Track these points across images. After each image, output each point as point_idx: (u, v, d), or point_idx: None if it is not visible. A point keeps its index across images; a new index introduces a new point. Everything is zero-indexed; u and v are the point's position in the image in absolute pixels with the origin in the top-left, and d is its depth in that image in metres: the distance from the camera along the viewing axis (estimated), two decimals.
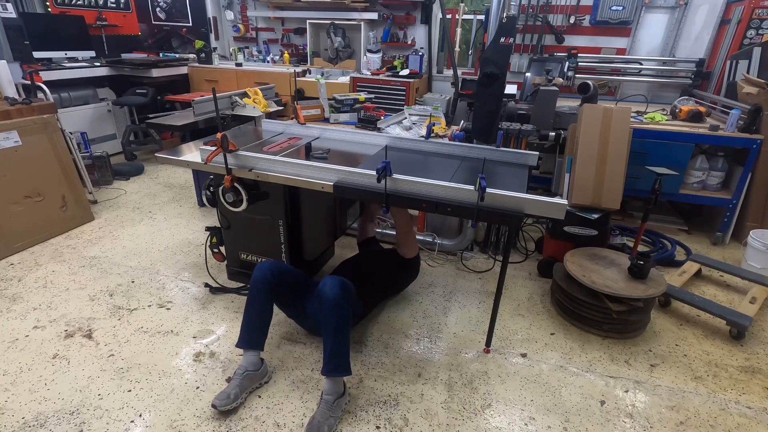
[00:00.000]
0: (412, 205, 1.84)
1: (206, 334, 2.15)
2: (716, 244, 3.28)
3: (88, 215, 3.31)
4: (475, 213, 1.69)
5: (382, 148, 2.49)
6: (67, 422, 1.66)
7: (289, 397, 1.79)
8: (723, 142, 3.06)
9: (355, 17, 4.98)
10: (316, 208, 2.33)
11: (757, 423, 1.77)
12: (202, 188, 3.49)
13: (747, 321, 2.18)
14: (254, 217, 2.30)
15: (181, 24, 5.77)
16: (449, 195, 1.75)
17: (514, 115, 3.33)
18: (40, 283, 2.53)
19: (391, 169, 1.74)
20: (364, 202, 2.81)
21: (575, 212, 2.58)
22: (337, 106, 3.46)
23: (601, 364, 2.05)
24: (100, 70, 4.65)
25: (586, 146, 2.62)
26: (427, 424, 1.70)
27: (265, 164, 2.04)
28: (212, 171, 2.17)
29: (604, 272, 2.25)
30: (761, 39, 3.57)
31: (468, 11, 4.91)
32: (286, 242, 2.35)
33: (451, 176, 2.03)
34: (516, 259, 2.95)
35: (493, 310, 2.02)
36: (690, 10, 4.15)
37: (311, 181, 1.93)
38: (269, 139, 2.60)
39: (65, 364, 1.94)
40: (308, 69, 5.19)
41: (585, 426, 1.72)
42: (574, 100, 3.62)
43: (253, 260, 2.48)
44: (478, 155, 2.40)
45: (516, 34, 4.39)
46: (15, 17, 4.10)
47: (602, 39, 4.46)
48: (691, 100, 3.58)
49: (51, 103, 3.15)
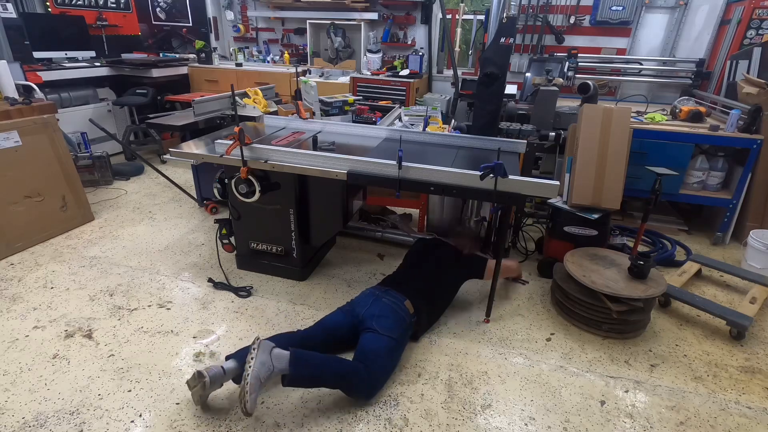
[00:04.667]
0: (422, 189, 2.04)
1: (206, 334, 2.15)
2: (716, 244, 3.28)
3: (88, 215, 3.31)
4: (494, 196, 1.92)
5: (382, 140, 2.65)
6: (67, 422, 1.66)
7: (289, 398, 1.79)
8: (723, 142, 3.06)
9: (355, 17, 4.98)
10: (323, 197, 2.43)
11: (757, 423, 1.77)
12: (202, 188, 3.51)
13: (747, 321, 2.18)
14: (265, 207, 2.42)
15: (181, 24, 5.77)
16: (456, 180, 1.95)
17: (514, 115, 3.34)
18: (40, 283, 2.53)
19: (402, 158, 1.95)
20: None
21: (575, 212, 2.58)
22: (325, 108, 3.37)
23: (601, 364, 2.05)
24: (100, 70, 4.65)
25: (586, 146, 2.62)
26: (427, 424, 1.70)
27: (279, 156, 2.20)
28: (226, 164, 2.28)
29: (604, 272, 2.25)
30: (761, 39, 3.57)
31: (468, 11, 4.91)
32: (296, 230, 2.46)
33: (451, 163, 2.20)
34: (516, 259, 2.95)
35: (492, 283, 2.21)
36: (690, 10, 4.15)
37: (326, 170, 2.11)
38: (274, 133, 2.67)
39: (65, 364, 1.94)
40: (308, 69, 5.19)
41: (585, 426, 1.72)
42: (574, 100, 3.62)
43: (263, 249, 2.58)
44: (471, 144, 2.58)
45: (516, 34, 4.40)
46: (15, 17, 4.10)
47: (602, 39, 4.46)
48: (691, 100, 3.58)
49: (51, 103, 3.15)
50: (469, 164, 2.24)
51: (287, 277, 2.62)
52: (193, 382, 1.66)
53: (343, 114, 3.44)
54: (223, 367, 1.69)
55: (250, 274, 2.66)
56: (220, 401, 1.76)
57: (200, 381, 1.63)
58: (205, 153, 2.36)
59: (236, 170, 2.23)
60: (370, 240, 3.13)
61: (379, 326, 1.88)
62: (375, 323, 1.90)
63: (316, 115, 3.26)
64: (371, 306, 1.98)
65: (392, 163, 1.99)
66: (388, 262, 2.88)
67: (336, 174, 2.09)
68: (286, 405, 1.76)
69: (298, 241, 2.49)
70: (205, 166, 3.29)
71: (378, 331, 1.87)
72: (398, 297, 2.03)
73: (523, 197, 1.94)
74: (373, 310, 1.96)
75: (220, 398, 1.77)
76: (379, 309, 1.96)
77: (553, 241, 2.73)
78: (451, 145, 2.59)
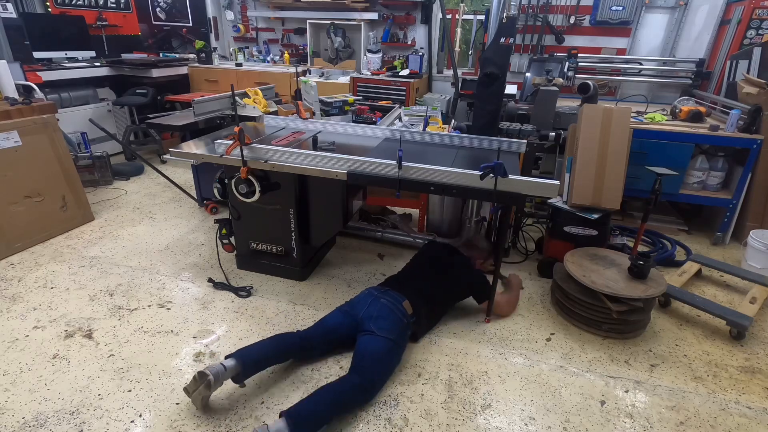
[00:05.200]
0: (422, 189, 2.04)
1: (206, 334, 2.15)
2: (716, 244, 3.28)
3: (88, 215, 3.31)
4: (495, 196, 1.93)
5: (382, 140, 2.65)
6: (67, 422, 1.66)
7: (289, 398, 1.79)
8: (723, 142, 3.06)
9: (355, 17, 4.98)
10: (323, 196, 2.43)
11: (757, 423, 1.77)
12: (202, 188, 3.51)
13: (747, 321, 2.18)
14: (265, 207, 2.42)
15: (181, 24, 5.77)
16: (456, 180, 1.95)
17: (514, 115, 3.33)
18: (40, 283, 2.53)
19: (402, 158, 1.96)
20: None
21: (575, 212, 2.58)
22: (325, 108, 3.37)
23: (601, 364, 2.05)
24: (100, 70, 4.65)
25: (586, 146, 2.62)
26: (427, 424, 1.70)
27: (279, 156, 2.20)
28: (226, 164, 2.28)
29: (604, 272, 2.25)
30: (761, 39, 3.57)
31: (468, 11, 4.91)
32: (296, 230, 2.46)
33: (451, 163, 2.21)
34: (516, 259, 2.95)
35: (492, 283, 2.20)
36: (690, 11, 4.15)
37: (326, 170, 2.11)
38: (274, 133, 2.67)
39: (65, 364, 1.94)
40: (308, 69, 5.19)
41: (585, 426, 1.72)
42: (574, 100, 3.62)
43: (263, 249, 2.58)
44: (471, 144, 2.58)
45: (516, 34, 4.40)
46: (15, 17, 4.11)
47: (602, 39, 4.46)
48: (691, 100, 3.58)
49: (51, 103, 3.15)
50: (469, 164, 2.24)
51: (287, 277, 2.62)
52: (194, 386, 1.65)
53: (343, 114, 3.43)
54: (224, 365, 1.68)
55: (250, 274, 2.67)
56: (220, 401, 1.76)
57: (204, 380, 1.63)
58: (205, 153, 2.36)
59: (236, 170, 2.23)
60: (370, 240, 3.13)
61: (377, 327, 1.88)
62: (373, 324, 1.89)
63: (316, 115, 3.26)
64: (369, 306, 1.98)
65: (392, 163, 1.99)
66: (388, 262, 2.88)
67: (336, 174, 2.09)
68: (287, 405, 1.75)
69: (298, 241, 2.49)
70: (205, 166, 3.29)
71: (375, 332, 1.86)
72: (397, 297, 2.02)
73: (523, 197, 1.94)
74: (371, 311, 1.95)
75: (221, 398, 1.77)
76: (377, 310, 1.95)
77: (553, 241, 2.73)
78: (451, 145, 2.59)
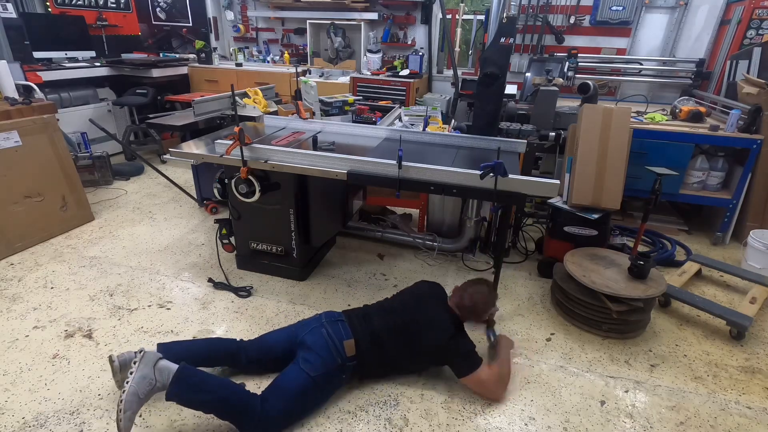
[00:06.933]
0: (422, 188, 2.04)
1: (206, 334, 2.15)
2: (716, 244, 3.28)
3: (88, 215, 3.31)
4: (495, 195, 1.92)
5: (382, 140, 2.65)
6: (67, 422, 1.66)
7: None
8: (723, 142, 3.06)
9: (355, 17, 4.98)
10: (323, 196, 2.44)
11: (757, 423, 1.77)
12: (202, 188, 3.51)
13: (747, 321, 2.18)
14: (265, 207, 2.41)
15: (181, 24, 5.77)
16: (456, 180, 1.96)
17: (514, 115, 3.34)
18: (40, 283, 2.53)
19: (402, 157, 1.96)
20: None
21: (575, 212, 2.58)
22: (325, 108, 3.36)
23: (601, 364, 2.05)
24: (100, 70, 4.65)
25: (586, 146, 2.62)
26: (427, 424, 1.70)
27: (279, 156, 2.20)
28: (226, 164, 2.28)
29: (604, 272, 2.25)
30: (761, 39, 3.57)
31: (468, 11, 4.91)
32: (296, 230, 2.46)
33: (451, 163, 2.20)
34: (516, 259, 2.95)
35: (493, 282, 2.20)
36: (690, 11, 4.15)
37: (326, 170, 2.11)
38: (274, 133, 2.67)
39: (65, 364, 1.94)
40: (308, 69, 5.19)
41: (585, 426, 1.72)
42: (574, 100, 3.62)
43: (263, 249, 2.57)
44: (471, 144, 2.58)
45: (516, 34, 4.40)
46: (15, 17, 4.11)
47: (602, 39, 4.46)
48: (691, 100, 3.58)
49: (51, 103, 3.15)
50: (469, 164, 2.24)
51: (287, 277, 2.62)
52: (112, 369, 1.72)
53: (343, 114, 3.43)
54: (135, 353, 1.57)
55: (250, 274, 2.67)
56: None
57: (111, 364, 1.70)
58: (205, 153, 2.36)
59: (236, 170, 2.23)
60: (370, 240, 3.13)
61: (302, 359, 1.69)
62: (301, 354, 1.72)
63: (316, 115, 3.26)
64: (310, 333, 1.77)
65: (392, 162, 1.99)
66: (388, 262, 2.88)
67: (336, 174, 2.09)
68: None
69: (298, 241, 2.49)
70: (205, 166, 3.29)
71: (299, 364, 1.68)
72: (341, 333, 1.76)
73: (523, 196, 1.94)
74: (307, 339, 1.75)
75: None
76: (312, 340, 1.74)
77: (553, 241, 2.73)
78: (451, 145, 2.59)
